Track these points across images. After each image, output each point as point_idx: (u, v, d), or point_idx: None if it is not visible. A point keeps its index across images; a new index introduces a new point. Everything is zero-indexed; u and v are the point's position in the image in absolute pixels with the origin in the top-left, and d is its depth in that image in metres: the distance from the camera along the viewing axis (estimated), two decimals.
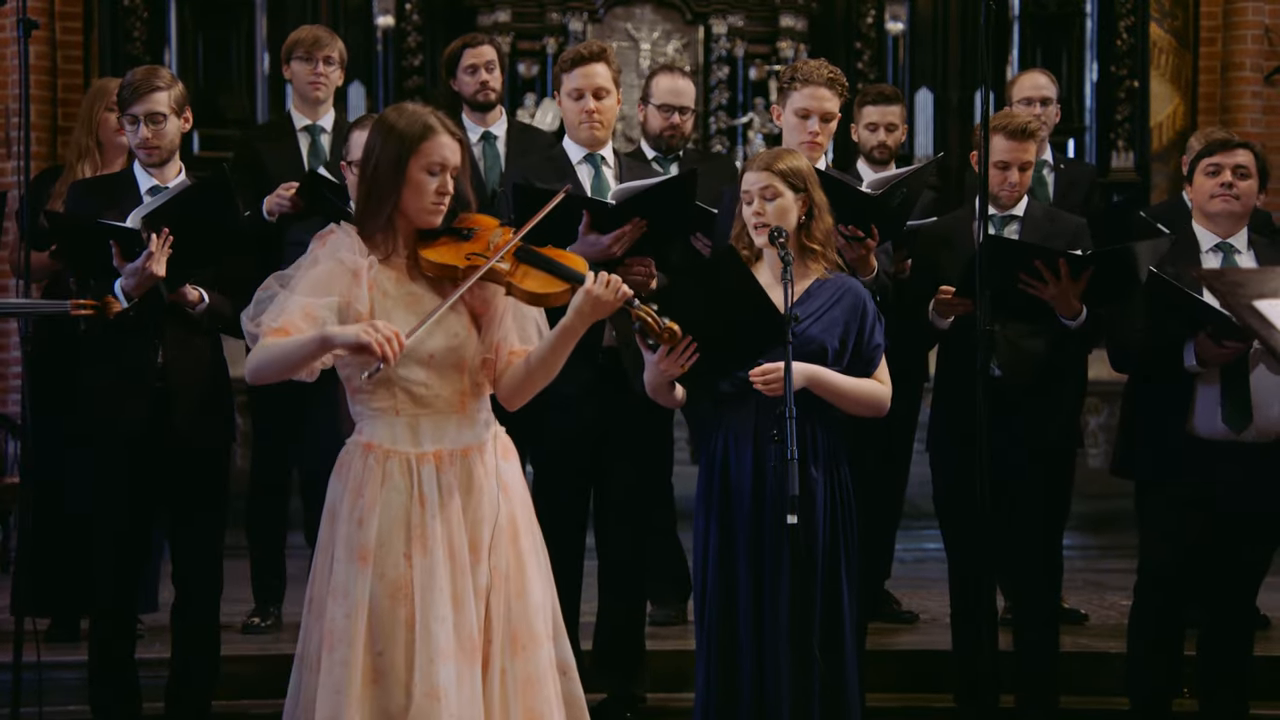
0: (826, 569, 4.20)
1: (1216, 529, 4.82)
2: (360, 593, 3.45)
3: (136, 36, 8.52)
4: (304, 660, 3.56)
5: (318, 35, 5.88)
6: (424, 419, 3.55)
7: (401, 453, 3.53)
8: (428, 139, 3.54)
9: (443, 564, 3.49)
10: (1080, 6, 9.05)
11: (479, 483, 3.58)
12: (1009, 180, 4.96)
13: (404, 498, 3.50)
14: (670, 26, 8.98)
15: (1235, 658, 5.00)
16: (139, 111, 4.79)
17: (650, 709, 5.15)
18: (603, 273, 3.60)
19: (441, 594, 3.47)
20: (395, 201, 3.55)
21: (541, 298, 3.60)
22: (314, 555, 3.60)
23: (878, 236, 4.69)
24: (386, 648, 3.45)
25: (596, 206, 4.70)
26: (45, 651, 4.76)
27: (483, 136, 5.98)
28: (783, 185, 4.24)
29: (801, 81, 4.88)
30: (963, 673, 5.01)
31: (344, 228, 3.59)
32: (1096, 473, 5.78)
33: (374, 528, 3.48)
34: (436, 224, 3.57)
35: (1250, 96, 8.90)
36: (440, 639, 3.44)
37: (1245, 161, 4.87)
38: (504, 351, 3.67)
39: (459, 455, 3.56)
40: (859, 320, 4.27)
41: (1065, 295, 4.69)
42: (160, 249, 4.54)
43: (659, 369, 4.12)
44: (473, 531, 3.55)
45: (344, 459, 3.60)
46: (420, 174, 3.53)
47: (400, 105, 3.70)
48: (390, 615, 3.46)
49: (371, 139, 3.60)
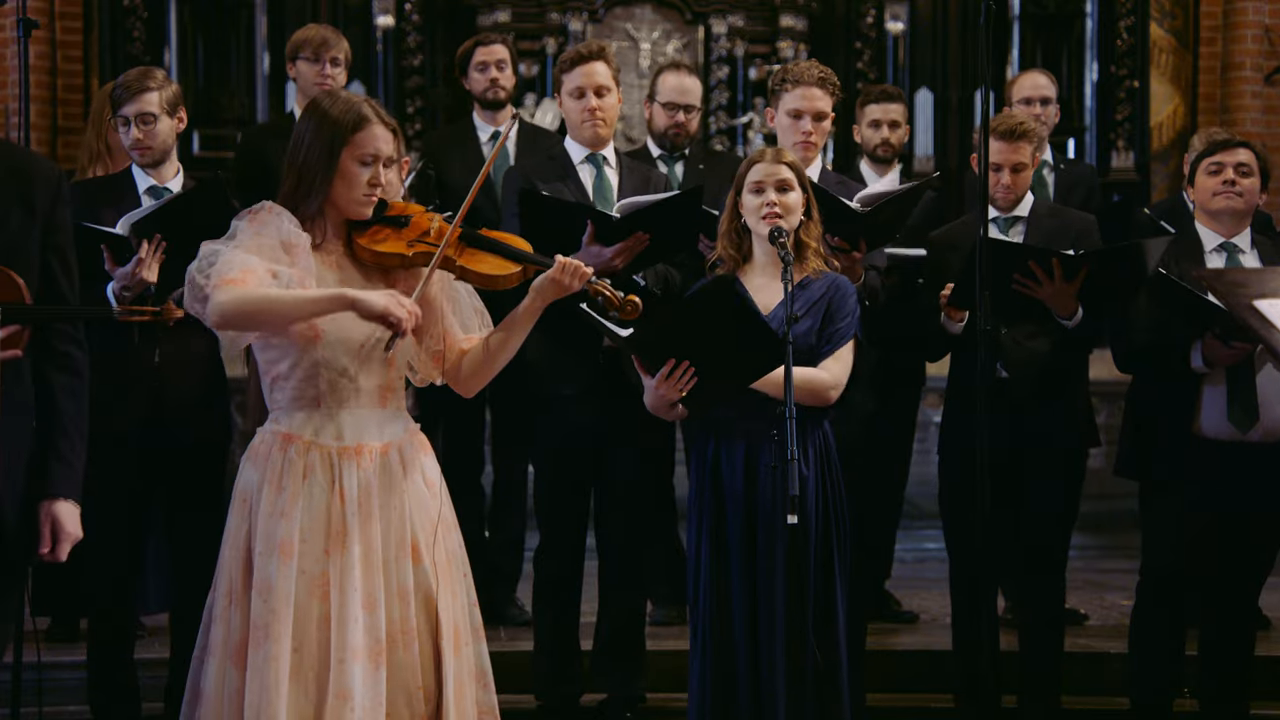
0: (820, 567, 4.19)
1: (1220, 529, 4.82)
2: (285, 587, 3.37)
3: (136, 36, 8.52)
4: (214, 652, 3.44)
5: (325, 36, 5.87)
6: (345, 412, 3.47)
7: (324, 446, 3.45)
8: (361, 129, 3.47)
9: (359, 562, 3.41)
10: (1080, 6, 9.04)
11: (398, 480, 3.50)
12: (1000, 182, 4.94)
13: (325, 492, 3.43)
14: (670, 26, 8.97)
15: (1236, 658, 5.00)
16: (130, 112, 4.79)
17: (650, 708, 5.15)
18: (563, 258, 3.57)
19: (356, 593, 3.40)
20: (325, 191, 3.47)
21: (495, 279, 3.56)
22: (222, 545, 3.50)
23: (865, 249, 4.70)
24: (302, 644, 3.38)
25: (601, 219, 4.69)
26: (45, 652, 4.74)
27: (493, 136, 5.98)
28: (795, 179, 4.25)
29: (793, 82, 4.88)
30: (963, 673, 5.01)
31: (274, 207, 3.48)
32: (1097, 473, 5.78)
33: (297, 521, 3.40)
34: (367, 215, 3.51)
35: (1250, 96, 8.89)
36: (353, 638, 3.37)
37: (1247, 160, 4.87)
38: (451, 342, 3.62)
39: (378, 451, 3.49)
40: (837, 307, 4.25)
41: (1060, 295, 4.69)
42: (150, 255, 4.54)
43: (658, 393, 4.12)
44: (395, 529, 3.47)
45: (259, 448, 3.50)
46: (352, 164, 3.46)
47: (333, 92, 3.65)
48: (306, 611, 3.39)
49: (302, 126, 3.53)
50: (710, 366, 4.08)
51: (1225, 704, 5.00)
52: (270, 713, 3.33)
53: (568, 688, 5.07)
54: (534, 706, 5.08)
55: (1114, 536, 7.23)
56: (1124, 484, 5.13)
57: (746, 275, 4.32)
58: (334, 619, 3.38)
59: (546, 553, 5.06)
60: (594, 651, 5.14)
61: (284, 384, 3.49)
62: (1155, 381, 4.86)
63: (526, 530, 5.90)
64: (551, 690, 5.06)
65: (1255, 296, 3.74)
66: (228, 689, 3.41)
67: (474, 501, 5.83)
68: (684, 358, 4.05)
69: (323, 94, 3.68)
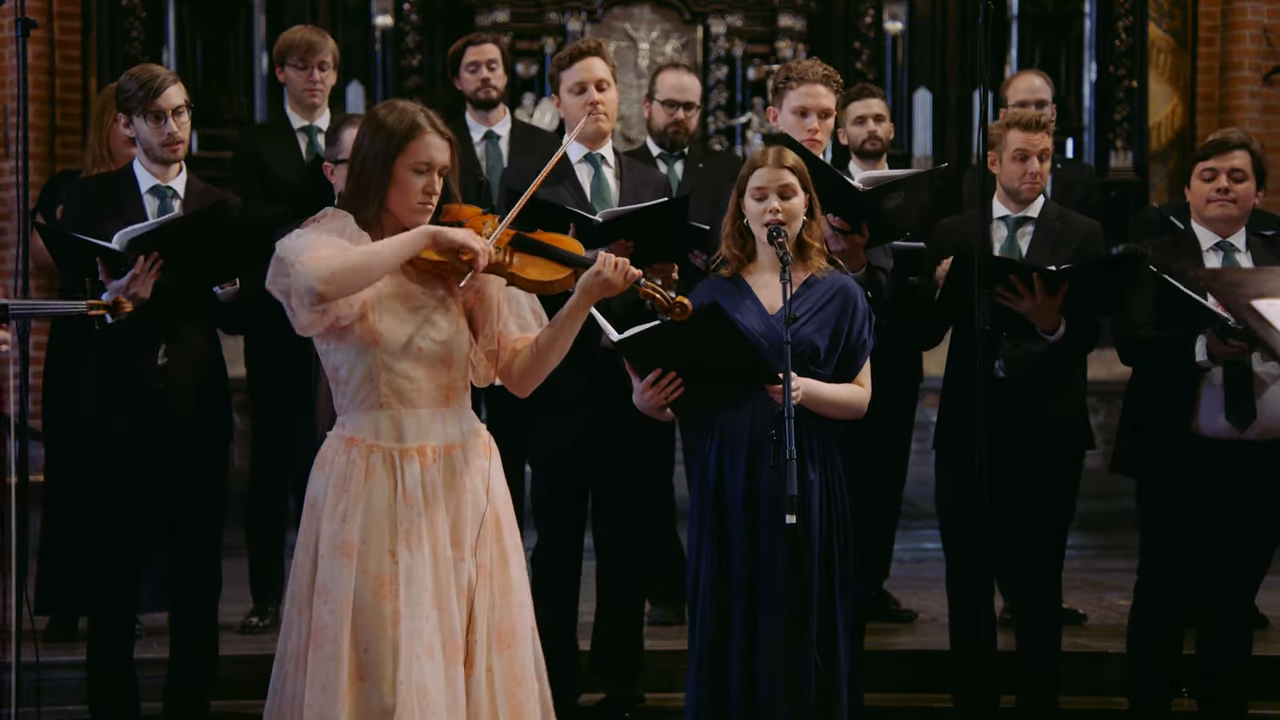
0: (821, 569, 4.20)
1: (1217, 528, 4.82)
2: (345, 589, 3.42)
3: (135, 36, 8.51)
4: (286, 657, 3.53)
5: (311, 40, 5.81)
6: (408, 414, 3.52)
7: (385, 448, 3.50)
8: (415, 138, 3.52)
9: (427, 561, 3.46)
10: (1079, 6, 9.04)
11: (461, 480, 3.56)
12: (1029, 170, 4.95)
13: (388, 493, 3.48)
14: (669, 26, 8.97)
15: (1234, 658, 5.00)
16: (165, 106, 4.73)
17: (648, 708, 5.15)
18: (607, 254, 3.59)
19: (425, 591, 3.45)
20: (381, 199, 3.53)
21: (546, 285, 3.59)
22: (295, 550, 3.57)
23: (867, 234, 4.69)
24: (371, 645, 3.42)
25: (584, 222, 4.68)
26: (43, 651, 4.75)
27: (486, 136, 5.97)
28: (798, 184, 4.25)
29: (797, 80, 4.88)
30: (962, 672, 5.01)
31: (338, 211, 3.56)
32: (1095, 472, 5.78)
33: (358, 523, 3.46)
34: (424, 223, 3.54)
35: (1249, 96, 8.89)
36: (425, 637, 3.42)
37: (1241, 164, 4.85)
38: (506, 342, 3.66)
39: (443, 451, 3.55)
40: (849, 317, 4.27)
41: (1041, 310, 4.69)
42: (145, 272, 4.54)
43: (644, 398, 4.15)
44: (456, 529, 3.53)
45: (325, 453, 3.57)
46: (407, 173, 3.52)
47: (391, 102, 3.67)
48: (374, 612, 3.43)
49: (361, 135, 3.58)
50: (698, 381, 4.11)
51: (1223, 704, 5.00)
52: (330, 715, 3.37)
53: (566, 689, 5.07)
54: None
55: (1112, 536, 7.24)
56: (1122, 483, 5.14)
57: (751, 275, 4.32)
58: (403, 618, 3.42)
59: (545, 553, 5.06)
60: (592, 651, 5.15)
61: (345, 388, 3.55)
62: (1160, 375, 4.85)
63: (525, 531, 5.89)
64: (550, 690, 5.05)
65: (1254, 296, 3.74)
66: (294, 695, 3.46)
67: None
68: (671, 369, 4.08)
69: (381, 104, 3.75)
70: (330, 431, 3.61)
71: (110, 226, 4.65)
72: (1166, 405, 4.81)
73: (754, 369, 4.07)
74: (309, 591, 3.49)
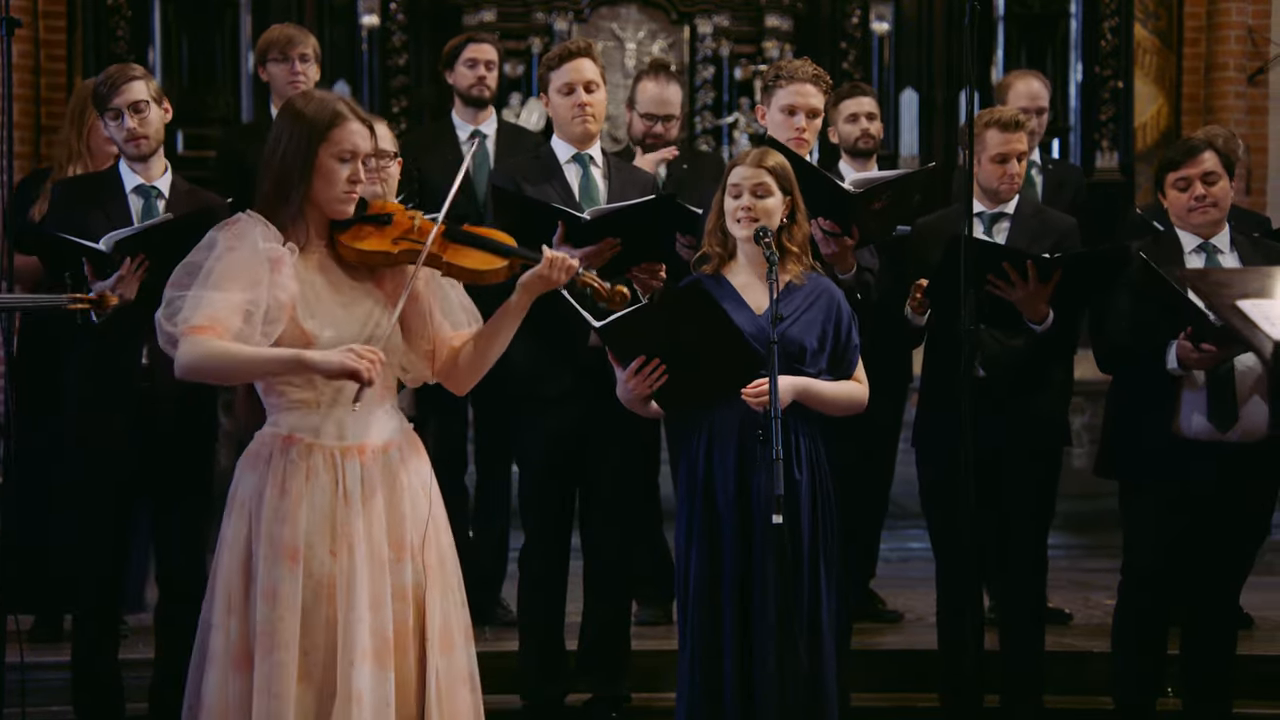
0: (809, 568, 4.20)
1: (1201, 528, 4.83)
2: (292, 593, 3.35)
3: (120, 35, 8.49)
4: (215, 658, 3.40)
5: (290, 34, 5.82)
6: (345, 411, 3.44)
7: (326, 446, 3.43)
8: (338, 125, 3.45)
9: (364, 563, 3.40)
10: (1064, 7, 9.05)
11: (399, 478, 3.50)
12: (1008, 172, 4.96)
13: (329, 494, 3.41)
14: (656, 26, 8.97)
15: (1219, 657, 5.01)
16: (120, 104, 4.77)
17: (635, 709, 5.14)
18: (547, 250, 3.57)
19: (362, 594, 3.38)
20: (305, 191, 3.45)
21: (482, 274, 3.54)
22: (218, 548, 3.46)
23: (857, 236, 4.69)
24: (311, 648, 3.37)
25: (572, 220, 4.68)
26: (28, 652, 4.73)
27: (473, 134, 5.96)
28: (774, 184, 4.24)
29: (787, 79, 4.88)
30: (948, 672, 5.01)
31: (251, 215, 3.47)
32: (1080, 473, 5.79)
33: (301, 526, 3.38)
34: (348, 213, 3.48)
35: (1234, 97, 8.91)
36: (360, 640, 3.36)
37: (1212, 166, 4.82)
38: (441, 341, 3.61)
39: (380, 450, 3.49)
40: (834, 322, 4.28)
41: (1032, 299, 4.70)
42: (131, 274, 4.54)
43: (627, 387, 4.13)
44: (394, 528, 3.47)
45: (257, 451, 3.47)
46: (331, 161, 3.44)
47: (308, 92, 3.61)
48: (314, 614, 3.37)
49: (278, 128, 3.50)
50: (682, 368, 4.09)
51: (1208, 703, 5.01)
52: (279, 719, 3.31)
53: (553, 688, 5.07)
54: (519, 707, 5.07)
55: (1097, 536, 7.24)
56: (1107, 484, 5.14)
57: (732, 274, 4.32)
58: (341, 621, 3.37)
59: (531, 553, 5.05)
60: (579, 652, 5.14)
61: (282, 385, 3.46)
62: (1141, 377, 4.86)
63: (511, 530, 5.89)
64: (536, 691, 5.06)
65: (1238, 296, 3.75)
66: (231, 696, 3.39)
67: (457, 501, 5.82)
68: (655, 356, 4.06)
69: (297, 95, 3.67)
70: (259, 430, 3.51)
71: (94, 225, 4.64)
72: (1148, 407, 4.81)
73: (738, 355, 4.05)
74: (242, 595, 3.40)
